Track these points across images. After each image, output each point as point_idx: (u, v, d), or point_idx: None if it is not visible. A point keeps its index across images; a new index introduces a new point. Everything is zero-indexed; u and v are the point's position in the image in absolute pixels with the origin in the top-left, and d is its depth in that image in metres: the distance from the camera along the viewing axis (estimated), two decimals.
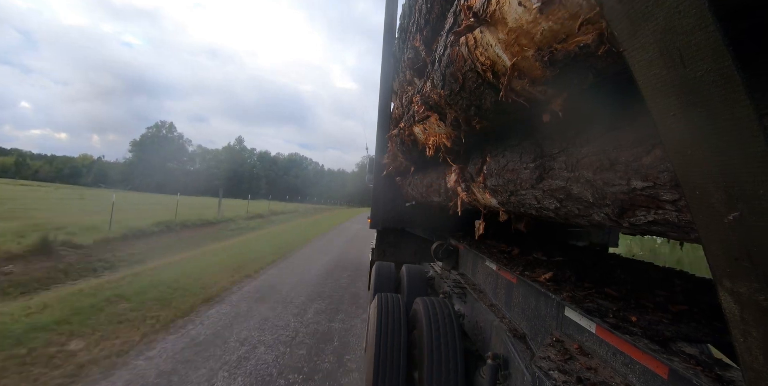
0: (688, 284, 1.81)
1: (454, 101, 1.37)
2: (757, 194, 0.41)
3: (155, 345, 3.93)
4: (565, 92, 0.88)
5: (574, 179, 1.02)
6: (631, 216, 0.87)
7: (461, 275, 3.00)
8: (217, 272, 7.26)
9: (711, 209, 0.46)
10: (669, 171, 0.71)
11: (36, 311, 4.48)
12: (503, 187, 1.52)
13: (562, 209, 1.17)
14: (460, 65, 1.13)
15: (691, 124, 0.46)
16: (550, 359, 1.22)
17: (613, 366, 1.12)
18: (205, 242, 11.83)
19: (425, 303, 2.35)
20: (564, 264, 2.09)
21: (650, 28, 0.46)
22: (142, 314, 4.73)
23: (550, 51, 0.75)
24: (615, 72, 0.75)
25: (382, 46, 4.39)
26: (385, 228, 4.54)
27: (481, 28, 0.92)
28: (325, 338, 4.45)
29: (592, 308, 1.28)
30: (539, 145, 1.24)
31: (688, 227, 0.73)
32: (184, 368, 3.50)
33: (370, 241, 5.22)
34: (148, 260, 8.50)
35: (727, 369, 0.87)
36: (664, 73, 0.46)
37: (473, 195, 1.94)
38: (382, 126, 4.37)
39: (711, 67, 0.41)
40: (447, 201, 2.57)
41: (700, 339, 1.08)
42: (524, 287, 1.75)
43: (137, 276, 6.52)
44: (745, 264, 0.44)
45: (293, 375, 3.52)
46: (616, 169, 0.85)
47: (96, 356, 3.57)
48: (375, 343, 2.28)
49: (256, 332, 4.49)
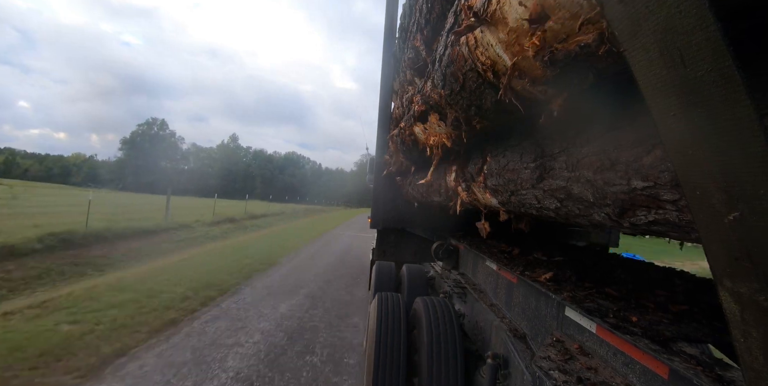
0: (688, 284, 1.80)
1: (454, 100, 1.37)
2: (757, 194, 0.41)
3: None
4: (566, 92, 0.88)
5: (575, 178, 1.02)
6: (632, 216, 0.87)
7: (461, 275, 3.00)
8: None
9: (711, 209, 0.46)
10: (669, 171, 0.70)
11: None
12: (504, 187, 1.52)
13: (562, 209, 1.17)
14: (461, 65, 1.13)
15: (691, 124, 0.46)
16: (550, 359, 1.22)
17: (613, 366, 1.12)
18: (86, 270, 7.11)
19: (425, 302, 2.35)
20: (564, 264, 2.09)
21: (651, 28, 0.46)
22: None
23: (550, 51, 0.75)
24: (615, 72, 0.75)
25: (383, 46, 4.39)
26: (386, 228, 4.54)
27: (481, 27, 0.92)
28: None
29: (592, 308, 1.28)
30: (540, 145, 1.24)
31: (689, 227, 0.73)
32: None
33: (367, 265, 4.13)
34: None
35: (728, 369, 0.87)
36: (664, 73, 0.46)
37: (473, 195, 1.94)
38: (382, 126, 4.37)
39: (711, 67, 0.41)
40: (447, 201, 2.56)
41: (701, 339, 1.08)
42: (524, 287, 1.75)
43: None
44: (745, 264, 0.44)
45: None
46: (616, 169, 0.85)
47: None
48: (375, 342, 2.28)
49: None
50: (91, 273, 7.02)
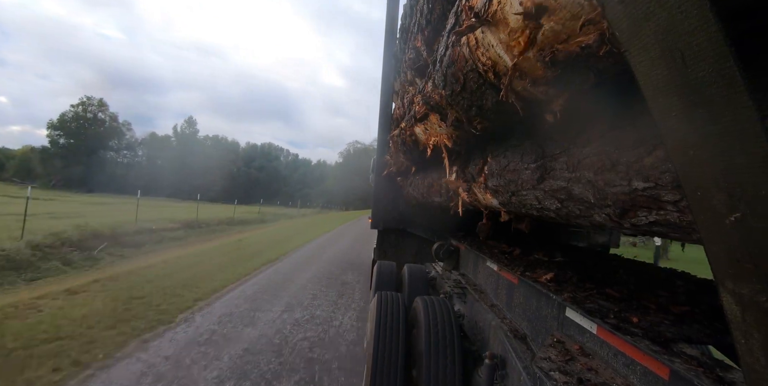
0: (689, 285, 1.80)
1: (455, 101, 1.37)
2: (758, 195, 0.41)
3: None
4: (567, 93, 0.88)
5: (576, 179, 1.02)
6: (633, 217, 0.87)
7: (462, 276, 3.00)
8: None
9: (712, 211, 0.46)
10: (670, 172, 0.70)
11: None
12: (504, 187, 1.52)
13: (563, 209, 1.17)
14: (462, 65, 1.13)
15: (692, 124, 0.45)
16: (551, 359, 1.22)
17: (614, 367, 1.12)
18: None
19: (425, 302, 2.35)
20: (565, 265, 2.09)
21: (652, 29, 0.46)
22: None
23: (551, 51, 0.75)
24: (616, 72, 0.75)
25: (383, 46, 4.40)
26: (387, 228, 4.55)
27: (482, 28, 0.92)
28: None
29: (593, 309, 1.28)
30: (540, 145, 1.24)
31: (690, 228, 0.73)
32: None
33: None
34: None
35: (729, 371, 0.87)
36: (665, 73, 0.46)
37: (474, 195, 1.94)
38: (383, 126, 4.37)
39: (712, 68, 0.41)
40: (448, 202, 2.56)
41: (702, 341, 1.08)
42: (525, 287, 1.75)
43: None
44: (746, 266, 0.44)
45: None
46: (617, 169, 0.85)
47: None
48: (374, 340, 2.28)
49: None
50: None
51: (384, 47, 4.39)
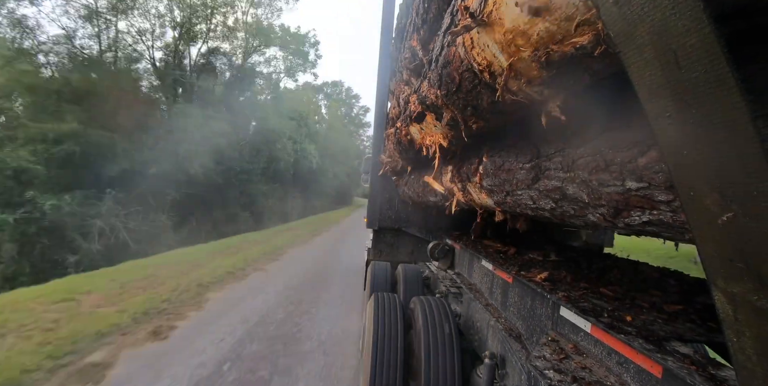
0: (682, 284, 1.82)
1: (450, 100, 1.37)
2: (750, 195, 0.41)
3: None
4: (562, 93, 0.88)
5: (570, 179, 1.03)
6: (626, 217, 0.88)
7: (457, 275, 3.01)
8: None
9: (705, 210, 0.47)
10: (664, 172, 0.71)
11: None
12: (499, 187, 1.53)
13: (557, 209, 1.17)
14: (457, 65, 1.13)
15: (686, 125, 0.46)
16: (545, 358, 1.22)
17: (607, 366, 1.12)
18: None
19: (422, 302, 2.36)
20: (560, 264, 2.10)
21: (646, 30, 0.46)
22: None
23: (546, 52, 0.75)
24: (611, 73, 0.75)
25: (379, 45, 4.40)
26: (382, 228, 4.55)
27: (478, 28, 0.92)
28: None
29: (587, 308, 1.29)
30: (535, 145, 1.25)
31: (683, 228, 0.74)
32: None
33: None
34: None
35: (721, 369, 0.88)
36: (659, 74, 0.47)
37: (469, 195, 1.95)
38: (378, 125, 4.37)
39: (706, 69, 0.41)
40: (443, 201, 2.57)
41: (694, 339, 1.09)
42: (520, 287, 1.76)
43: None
44: (738, 265, 0.44)
45: None
46: (611, 170, 0.86)
47: None
48: (372, 342, 2.28)
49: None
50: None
51: (380, 46, 4.39)
